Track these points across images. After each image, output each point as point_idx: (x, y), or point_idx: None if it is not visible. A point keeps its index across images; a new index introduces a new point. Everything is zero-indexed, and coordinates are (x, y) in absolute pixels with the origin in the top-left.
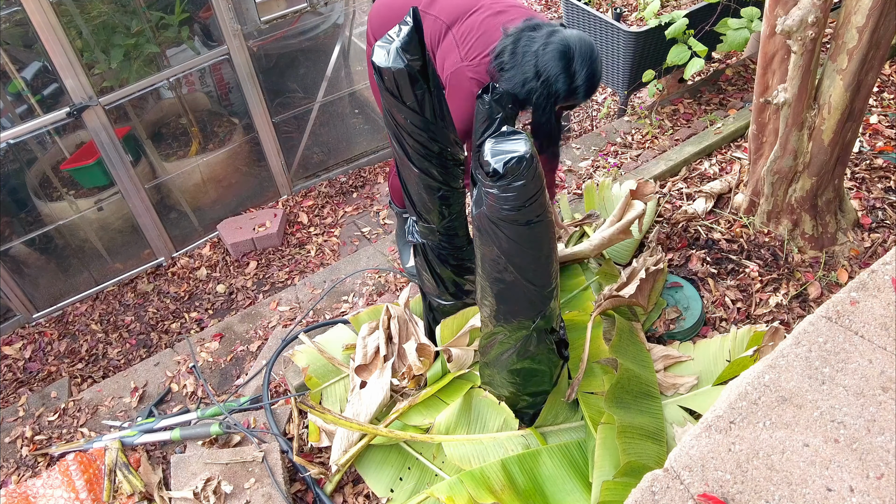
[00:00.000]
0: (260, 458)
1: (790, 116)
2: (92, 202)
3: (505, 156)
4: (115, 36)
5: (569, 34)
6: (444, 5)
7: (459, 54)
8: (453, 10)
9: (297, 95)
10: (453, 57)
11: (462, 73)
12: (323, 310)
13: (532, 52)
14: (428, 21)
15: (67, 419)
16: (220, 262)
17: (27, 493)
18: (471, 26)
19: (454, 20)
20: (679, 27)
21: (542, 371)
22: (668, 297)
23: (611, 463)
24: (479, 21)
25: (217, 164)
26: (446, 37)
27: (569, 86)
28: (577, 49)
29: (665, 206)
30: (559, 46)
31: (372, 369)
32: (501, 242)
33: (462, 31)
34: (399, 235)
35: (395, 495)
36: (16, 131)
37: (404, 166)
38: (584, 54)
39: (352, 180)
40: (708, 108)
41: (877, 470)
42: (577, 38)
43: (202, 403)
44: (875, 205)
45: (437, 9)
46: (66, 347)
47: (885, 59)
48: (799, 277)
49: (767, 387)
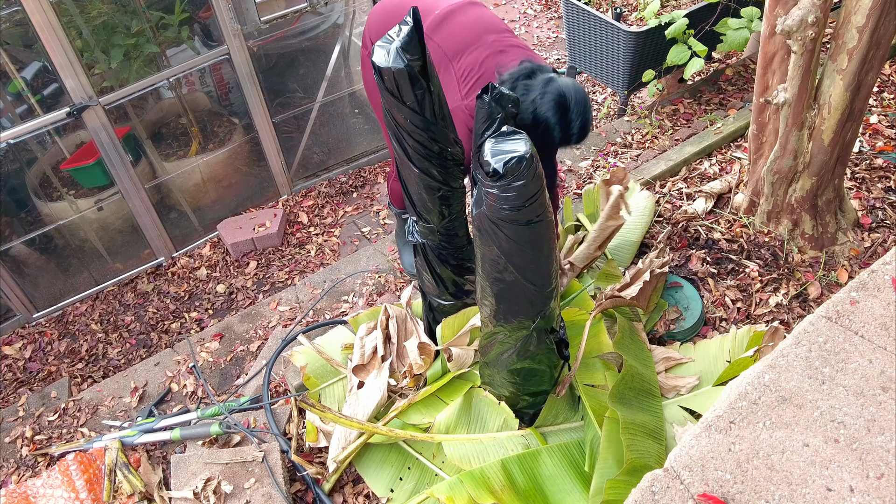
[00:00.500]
0: (260, 458)
1: (790, 116)
2: (92, 202)
3: (505, 156)
4: (115, 36)
5: (564, 84)
6: (448, 35)
7: (460, 93)
8: (456, 42)
9: (297, 95)
10: (453, 94)
11: (460, 112)
12: (323, 310)
13: (529, 102)
14: (431, 48)
15: (67, 419)
16: (220, 262)
17: (27, 492)
18: (472, 65)
19: (456, 53)
20: (679, 27)
21: (542, 371)
22: (669, 297)
23: (614, 458)
24: (479, 60)
25: (217, 164)
26: (447, 70)
27: (564, 133)
28: (574, 99)
29: (665, 206)
30: (556, 97)
31: (369, 370)
32: (501, 242)
33: (463, 67)
34: (399, 235)
35: (395, 495)
36: (16, 131)
37: (404, 166)
38: (579, 103)
39: (352, 180)
40: (708, 108)
41: (877, 470)
42: (572, 88)
43: (202, 403)
44: (875, 205)
45: (440, 37)
46: (66, 347)
47: (885, 59)
48: (799, 277)
49: (767, 387)
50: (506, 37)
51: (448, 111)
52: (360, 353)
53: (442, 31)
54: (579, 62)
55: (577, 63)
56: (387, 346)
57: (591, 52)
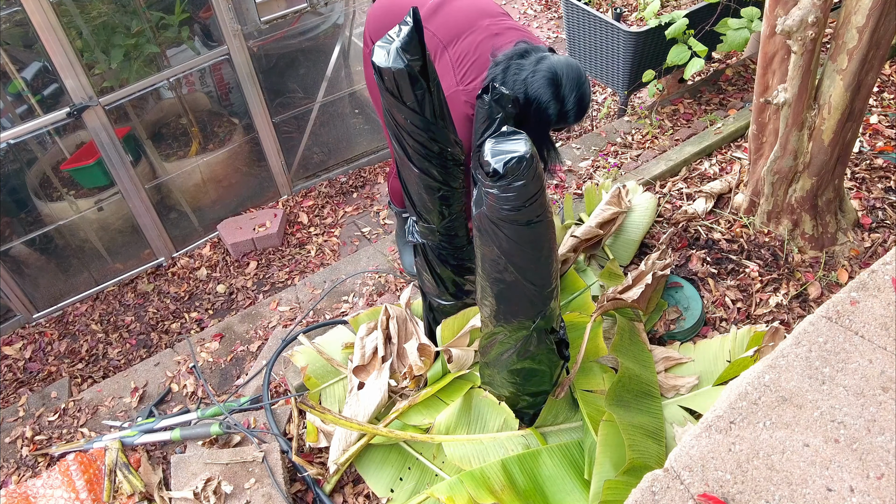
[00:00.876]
0: (260, 459)
1: (790, 116)
2: (92, 202)
3: (505, 156)
4: (115, 36)
5: (556, 60)
6: (442, 22)
7: (455, 78)
8: (451, 29)
9: (298, 95)
10: (448, 80)
11: (457, 97)
12: (323, 310)
13: (521, 81)
14: (426, 36)
15: (67, 419)
16: (220, 262)
17: (27, 493)
18: (467, 49)
19: (451, 40)
20: (679, 27)
21: (542, 371)
22: (669, 297)
23: (611, 461)
24: (475, 44)
25: (217, 164)
26: (442, 56)
27: (559, 110)
28: (565, 75)
29: (665, 206)
30: (547, 74)
31: (370, 370)
32: (501, 242)
33: (458, 52)
34: (399, 235)
35: (395, 495)
36: (16, 131)
37: (404, 166)
38: (571, 79)
39: (352, 180)
40: (708, 108)
41: (877, 470)
42: (564, 64)
43: (202, 403)
44: (875, 205)
45: (434, 25)
46: (66, 347)
47: (885, 59)
48: (799, 277)
49: (767, 387)
50: (501, 19)
51: (448, 111)
52: (361, 353)
53: (437, 18)
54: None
55: None
56: (387, 347)
57: (591, 53)
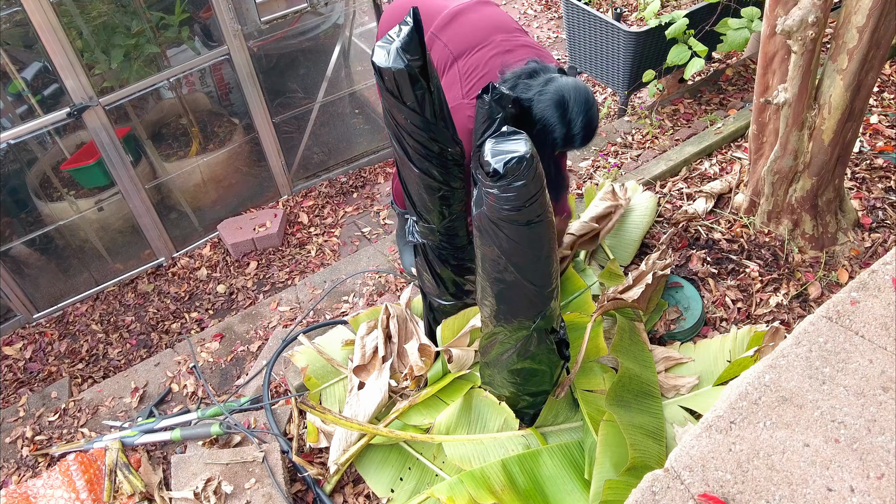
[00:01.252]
0: (260, 459)
1: (790, 116)
2: (92, 202)
3: (505, 156)
4: (115, 36)
5: (564, 82)
6: (455, 34)
7: (461, 91)
8: (463, 41)
9: (298, 95)
10: (454, 92)
11: (461, 110)
12: (323, 310)
13: (527, 101)
14: (437, 47)
15: (68, 419)
16: (220, 262)
17: (27, 493)
18: (477, 63)
19: (462, 52)
20: (679, 27)
21: (543, 371)
22: (669, 297)
23: (611, 461)
24: (485, 59)
25: (217, 165)
26: (451, 68)
27: (565, 134)
28: (573, 98)
29: (665, 206)
30: (554, 95)
31: (370, 370)
32: (502, 242)
33: (468, 66)
34: (399, 236)
35: (395, 495)
36: (16, 131)
37: (404, 166)
38: (579, 102)
39: (352, 180)
40: (708, 108)
41: (877, 470)
42: (572, 87)
43: (202, 403)
44: (875, 205)
45: (447, 36)
46: (66, 347)
47: (885, 58)
48: (799, 277)
49: (768, 387)
50: (515, 36)
51: (448, 111)
52: (361, 352)
53: (449, 29)
54: (579, 62)
55: (577, 63)
56: (387, 346)
57: (591, 53)
